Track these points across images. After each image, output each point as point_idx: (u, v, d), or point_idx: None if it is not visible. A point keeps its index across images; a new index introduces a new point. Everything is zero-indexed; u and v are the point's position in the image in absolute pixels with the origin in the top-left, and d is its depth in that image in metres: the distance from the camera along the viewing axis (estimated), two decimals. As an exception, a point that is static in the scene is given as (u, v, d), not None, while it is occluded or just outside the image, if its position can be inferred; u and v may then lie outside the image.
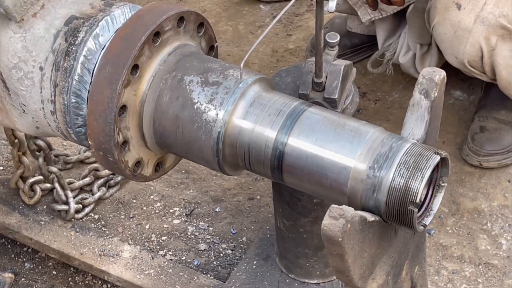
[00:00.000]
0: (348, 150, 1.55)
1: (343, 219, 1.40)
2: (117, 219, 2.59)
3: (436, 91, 1.58)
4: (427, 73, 1.59)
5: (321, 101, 1.89)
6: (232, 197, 2.66)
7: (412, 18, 2.55)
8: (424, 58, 2.63)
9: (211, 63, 1.72)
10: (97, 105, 1.64)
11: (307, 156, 1.58)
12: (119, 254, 2.45)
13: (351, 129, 1.58)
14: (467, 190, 2.58)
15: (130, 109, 1.66)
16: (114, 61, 1.62)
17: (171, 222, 2.59)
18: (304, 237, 2.14)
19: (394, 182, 1.49)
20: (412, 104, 1.60)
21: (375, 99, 2.91)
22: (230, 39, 3.23)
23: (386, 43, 2.74)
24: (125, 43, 1.63)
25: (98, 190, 2.62)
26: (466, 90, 2.88)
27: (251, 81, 1.67)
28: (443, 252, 2.44)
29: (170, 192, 2.67)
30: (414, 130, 1.59)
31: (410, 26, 2.58)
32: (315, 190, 1.61)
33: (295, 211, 2.10)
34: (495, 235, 2.48)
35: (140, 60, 1.64)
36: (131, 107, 1.67)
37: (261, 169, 1.65)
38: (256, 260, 2.32)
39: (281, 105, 1.65)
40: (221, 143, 1.64)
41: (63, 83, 1.72)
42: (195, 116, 1.66)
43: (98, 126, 1.65)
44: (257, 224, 2.56)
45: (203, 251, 2.51)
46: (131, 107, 1.67)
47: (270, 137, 1.62)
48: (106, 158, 1.69)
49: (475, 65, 2.38)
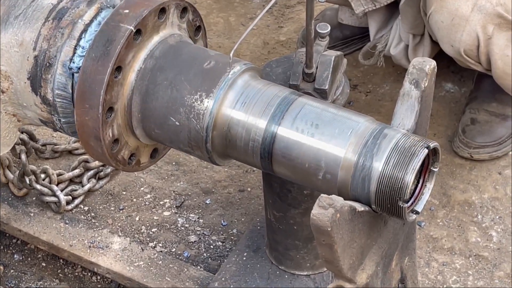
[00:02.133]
0: (338, 140, 1.54)
1: (332, 208, 1.40)
2: (107, 210, 2.58)
3: (426, 81, 1.58)
4: (417, 63, 1.58)
5: (311, 91, 1.89)
6: (223, 189, 2.65)
7: (406, 8, 2.54)
8: (417, 49, 2.62)
9: (198, 53, 1.71)
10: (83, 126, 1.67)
11: (297, 146, 1.57)
12: (108, 246, 2.44)
13: (341, 119, 1.58)
14: (458, 182, 2.58)
15: (118, 110, 1.67)
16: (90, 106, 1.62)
17: (161, 214, 2.58)
18: (295, 229, 2.14)
19: (384, 172, 1.49)
20: (402, 94, 1.59)
21: (366, 91, 2.90)
22: (221, 30, 3.22)
23: (378, 34, 2.73)
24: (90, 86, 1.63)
25: (88, 181, 2.61)
26: (457, 82, 2.88)
27: (241, 70, 1.66)
28: (434, 244, 2.44)
29: (160, 184, 2.66)
30: (404, 120, 1.58)
31: (403, 16, 2.57)
32: (305, 180, 1.60)
33: (285, 202, 2.09)
34: (485, 227, 2.48)
35: (111, 100, 1.64)
36: (118, 108, 1.68)
37: (250, 159, 1.64)
38: (246, 252, 2.32)
39: (271, 94, 1.64)
40: (210, 133, 1.63)
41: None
42: (184, 107, 1.65)
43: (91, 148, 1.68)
44: (248, 216, 2.56)
45: (193, 243, 2.50)
46: (118, 109, 1.68)
47: (260, 127, 1.61)
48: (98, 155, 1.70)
49: (471, 54, 2.37)
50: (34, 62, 1.71)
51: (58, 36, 1.69)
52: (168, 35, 1.72)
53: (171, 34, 1.72)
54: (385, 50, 2.72)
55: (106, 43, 1.62)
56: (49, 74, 1.69)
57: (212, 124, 1.62)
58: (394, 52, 2.68)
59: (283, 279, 2.22)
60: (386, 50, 2.71)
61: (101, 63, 1.61)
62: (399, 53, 2.67)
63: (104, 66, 1.60)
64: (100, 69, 1.61)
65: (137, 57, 1.66)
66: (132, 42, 1.63)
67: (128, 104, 1.68)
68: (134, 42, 1.64)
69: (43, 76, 1.70)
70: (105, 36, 1.63)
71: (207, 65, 1.67)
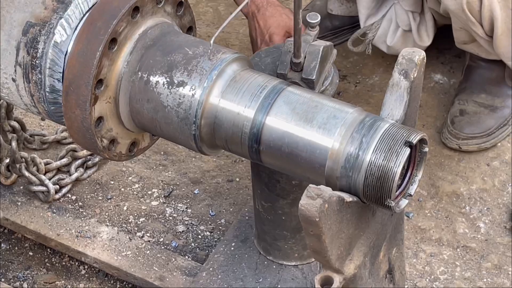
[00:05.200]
0: (326, 130, 1.54)
1: (320, 199, 1.40)
2: (94, 200, 2.57)
3: (415, 71, 1.57)
4: (406, 53, 1.58)
5: (298, 81, 1.88)
6: (211, 179, 2.64)
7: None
8: (420, 28, 2.60)
9: (188, 42, 1.70)
10: (72, 123, 1.66)
11: (285, 136, 1.56)
12: (96, 236, 2.43)
13: (330, 109, 1.57)
14: (446, 174, 2.58)
15: (107, 116, 1.67)
16: (77, 82, 1.61)
17: (149, 204, 2.57)
18: (283, 219, 2.14)
19: (372, 163, 1.48)
20: (391, 85, 1.59)
21: (355, 82, 2.90)
22: (211, 20, 3.20)
23: (368, 21, 2.71)
24: (83, 59, 1.60)
25: (75, 170, 2.59)
26: (447, 73, 2.88)
27: (229, 59, 1.65)
28: (422, 235, 2.44)
29: (148, 173, 2.66)
30: (393, 111, 1.58)
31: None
32: (293, 171, 1.60)
33: (274, 193, 2.09)
34: (473, 218, 2.48)
35: (102, 73, 1.62)
36: (108, 112, 1.67)
37: (238, 149, 1.64)
38: (235, 242, 2.31)
39: (260, 84, 1.64)
40: (198, 123, 1.62)
41: (38, 94, 1.72)
42: (172, 95, 1.64)
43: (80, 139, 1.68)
44: (236, 206, 2.55)
45: (181, 232, 2.49)
46: (107, 113, 1.67)
47: (248, 117, 1.60)
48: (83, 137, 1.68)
49: (473, 10, 2.33)
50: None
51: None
52: (163, 22, 1.71)
53: (165, 22, 1.72)
54: (374, 39, 2.70)
55: (102, 15, 1.62)
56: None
57: (200, 113, 1.62)
58: (391, 42, 2.66)
59: (271, 269, 2.22)
60: (379, 40, 2.70)
61: (99, 31, 1.61)
62: (398, 41, 2.65)
63: (100, 35, 1.60)
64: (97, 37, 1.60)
65: (132, 34, 1.66)
66: (130, 18, 1.63)
67: (118, 83, 1.66)
68: (132, 19, 1.64)
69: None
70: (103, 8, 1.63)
71: (196, 53, 1.66)
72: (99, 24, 1.60)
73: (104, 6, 1.63)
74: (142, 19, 1.67)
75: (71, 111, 1.64)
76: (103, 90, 1.64)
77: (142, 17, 1.67)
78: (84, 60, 1.60)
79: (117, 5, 1.62)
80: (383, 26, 2.69)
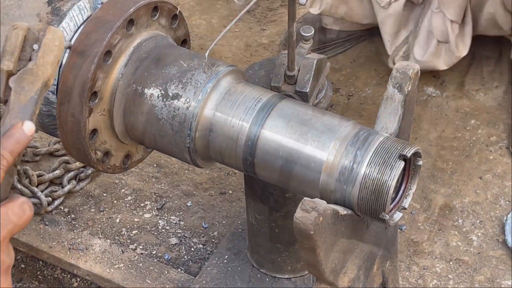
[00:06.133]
0: (321, 143, 1.54)
1: (315, 212, 1.40)
2: (87, 212, 2.57)
3: (409, 85, 1.58)
4: (400, 67, 1.59)
5: (292, 94, 1.88)
6: (204, 191, 2.64)
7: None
8: (458, 38, 2.60)
9: (182, 55, 1.70)
10: (66, 135, 1.66)
11: (279, 149, 1.56)
12: (88, 248, 2.42)
13: (324, 122, 1.57)
14: (439, 186, 2.59)
15: (101, 128, 1.67)
16: (71, 94, 1.61)
17: (142, 216, 2.57)
18: (276, 232, 2.13)
19: (366, 176, 1.49)
20: (385, 98, 1.59)
21: (348, 95, 2.91)
22: (204, 32, 3.21)
23: (396, 41, 2.72)
24: (77, 72, 1.60)
25: (68, 183, 2.59)
26: (439, 86, 2.89)
27: (224, 72, 1.65)
28: (414, 248, 2.44)
29: (141, 185, 2.65)
30: (388, 124, 1.58)
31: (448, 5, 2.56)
32: (287, 184, 1.60)
33: (267, 205, 2.09)
34: (466, 231, 2.48)
35: (96, 86, 1.62)
36: (102, 124, 1.67)
37: (233, 162, 1.64)
38: (228, 255, 2.31)
39: (254, 97, 1.64)
40: (192, 135, 1.62)
41: None
42: (167, 107, 1.64)
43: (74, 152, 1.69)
44: (229, 219, 2.55)
45: (174, 245, 2.49)
46: (101, 125, 1.67)
47: (243, 130, 1.60)
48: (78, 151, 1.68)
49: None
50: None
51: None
52: (157, 34, 1.71)
53: (159, 34, 1.72)
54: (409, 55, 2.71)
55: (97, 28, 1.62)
56: None
57: (195, 126, 1.62)
58: (423, 56, 2.67)
59: (264, 282, 2.22)
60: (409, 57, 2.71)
61: (93, 44, 1.61)
62: (430, 54, 2.65)
63: (95, 47, 1.60)
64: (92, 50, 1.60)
65: (127, 47, 1.66)
66: (124, 31, 1.63)
67: (112, 96, 1.66)
68: (127, 31, 1.64)
69: None
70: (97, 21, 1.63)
71: (191, 66, 1.66)
72: (94, 36, 1.60)
73: (98, 19, 1.63)
74: (137, 31, 1.67)
75: (65, 124, 1.64)
76: (98, 103, 1.64)
77: (137, 29, 1.67)
78: (78, 72, 1.60)
79: (111, 18, 1.62)
80: (410, 42, 2.70)
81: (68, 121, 1.64)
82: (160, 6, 1.71)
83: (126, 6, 1.63)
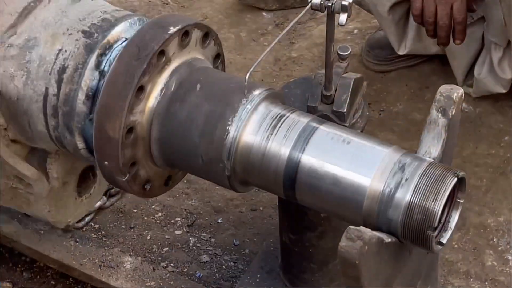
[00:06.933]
0: (364, 169, 1.52)
1: (360, 241, 1.37)
2: (117, 229, 2.55)
3: (453, 109, 1.56)
4: (444, 90, 1.56)
5: (329, 114, 1.86)
6: (235, 208, 2.62)
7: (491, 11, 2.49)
8: (502, 60, 2.59)
9: (220, 77, 1.69)
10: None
11: (322, 175, 1.54)
12: (119, 265, 2.41)
13: (367, 147, 1.55)
14: (473, 205, 2.55)
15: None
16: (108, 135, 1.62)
17: (172, 233, 2.55)
18: (310, 252, 2.11)
19: (411, 203, 1.46)
20: (429, 122, 1.57)
21: (379, 110, 2.88)
22: (233, 46, 3.19)
23: (468, 79, 2.72)
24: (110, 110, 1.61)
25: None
26: (472, 102, 2.85)
27: (263, 96, 1.63)
28: (449, 268, 2.41)
29: (171, 202, 2.64)
30: (431, 149, 1.56)
31: (488, 21, 2.53)
32: (329, 210, 1.58)
33: (302, 225, 2.07)
34: (501, 250, 2.45)
35: (131, 121, 1.62)
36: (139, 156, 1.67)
37: (273, 187, 1.62)
38: (260, 274, 2.29)
39: (294, 121, 1.62)
40: (232, 161, 1.60)
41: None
42: (205, 132, 1.62)
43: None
44: (260, 236, 2.52)
45: (205, 263, 2.47)
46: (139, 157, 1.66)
47: (283, 155, 1.58)
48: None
49: None
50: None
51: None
52: (191, 59, 1.69)
53: (193, 58, 1.70)
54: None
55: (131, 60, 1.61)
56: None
57: (234, 150, 1.60)
58: (479, 74, 2.66)
59: (298, 302, 2.20)
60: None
61: (125, 79, 1.59)
62: (484, 73, 2.64)
63: (127, 84, 1.59)
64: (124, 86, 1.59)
65: (160, 78, 1.64)
66: (155, 62, 1.61)
67: (148, 126, 1.65)
68: (158, 62, 1.62)
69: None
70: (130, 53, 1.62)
71: (229, 89, 1.64)
72: (121, 80, 1.59)
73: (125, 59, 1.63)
74: (169, 60, 1.65)
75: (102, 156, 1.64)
76: (132, 139, 1.64)
77: (168, 58, 1.65)
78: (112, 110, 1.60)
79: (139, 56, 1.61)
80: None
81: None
82: (190, 30, 1.68)
83: (159, 37, 1.61)
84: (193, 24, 1.69)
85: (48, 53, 1.70)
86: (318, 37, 3.15)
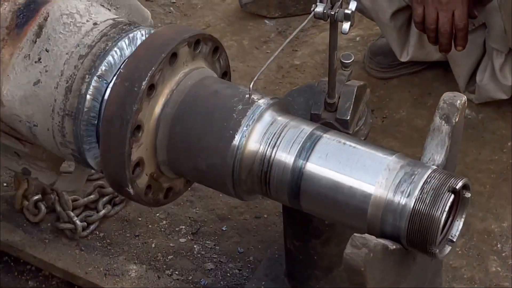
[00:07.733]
0: (368, 177, 1.53)
1: (365, 248, 1.38)
2: (122, 237, 2.56)
3: (457, 116, 1.56)
4: (448, 97, 1.57)
5: (333, 121, 1.87)
6: (239, 215, 2.63)
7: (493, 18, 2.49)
8: (504, 67, 2.59)
9: (225, 87, 1.70)
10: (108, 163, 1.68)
11: (326, 183, 1.55)
12: (124, 274, 2.42)
13: (370, 155, 1.56)
14: (477, 211, 2.55)
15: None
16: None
17: (177, 241, 2.55)
18: (315, 259, 2.12)
19: (415, 209, 1.47)
20: (432, 129, 1.58)
21: (382, 117, 2.88)
22: (235, 54, 3.20)
23: (470, 85, 2.72)
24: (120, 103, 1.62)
25: (103, 207, 2.58)
26: (475, 108, 2.86)
27: (267, 105, 1.64)
28: (453, 274, 2.41)
29: (175, 210, 2.64)
30: (434, 156, 1.57)
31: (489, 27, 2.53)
32: (334, 217, 1.59)
33: (306, 232, 2.07)
34: (505, 256, 2.45)
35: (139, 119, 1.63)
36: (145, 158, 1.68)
37: (278, 195, 1.62)
38: (265, 281, 2.30)
39: (298, 130, 1.63)
40: (237, 169, 1.61)
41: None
42: (210, 140, 1.63)
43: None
44: (264, 243, 2.53)
45: (210, 270, 2.47)
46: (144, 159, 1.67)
47: (288, 163, 1.59)
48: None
49: None
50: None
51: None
52: (200, 67, 1.71)
53: (201, 67, 1.72)
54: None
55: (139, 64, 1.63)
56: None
57: (239, 159, 1.61)
58: (481, 80, 2.66)
59: (303, 309, 2.20)
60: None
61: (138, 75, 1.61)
62: (486, 79, 2.64)
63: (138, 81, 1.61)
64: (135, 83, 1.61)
65: (171, 79, 1.65)
66: (167, 64, 1.64)
67: (156, 127, 1.66)
68: (169, 65, 1.64)
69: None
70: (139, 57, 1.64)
71: (234, 98, 1.65)
72: (136, 73, 1.60)
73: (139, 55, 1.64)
74: (180, 65, 1.67)
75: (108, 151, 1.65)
76: (141, 136, 1.63)
77: (180, 63, 1.66)
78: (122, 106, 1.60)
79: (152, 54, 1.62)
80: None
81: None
82: (202, 39, 1.70)
83: (171, 40, 1.62)
84: (204, 35, 1.73)
85: None
86: (321, 44, 3.16)
